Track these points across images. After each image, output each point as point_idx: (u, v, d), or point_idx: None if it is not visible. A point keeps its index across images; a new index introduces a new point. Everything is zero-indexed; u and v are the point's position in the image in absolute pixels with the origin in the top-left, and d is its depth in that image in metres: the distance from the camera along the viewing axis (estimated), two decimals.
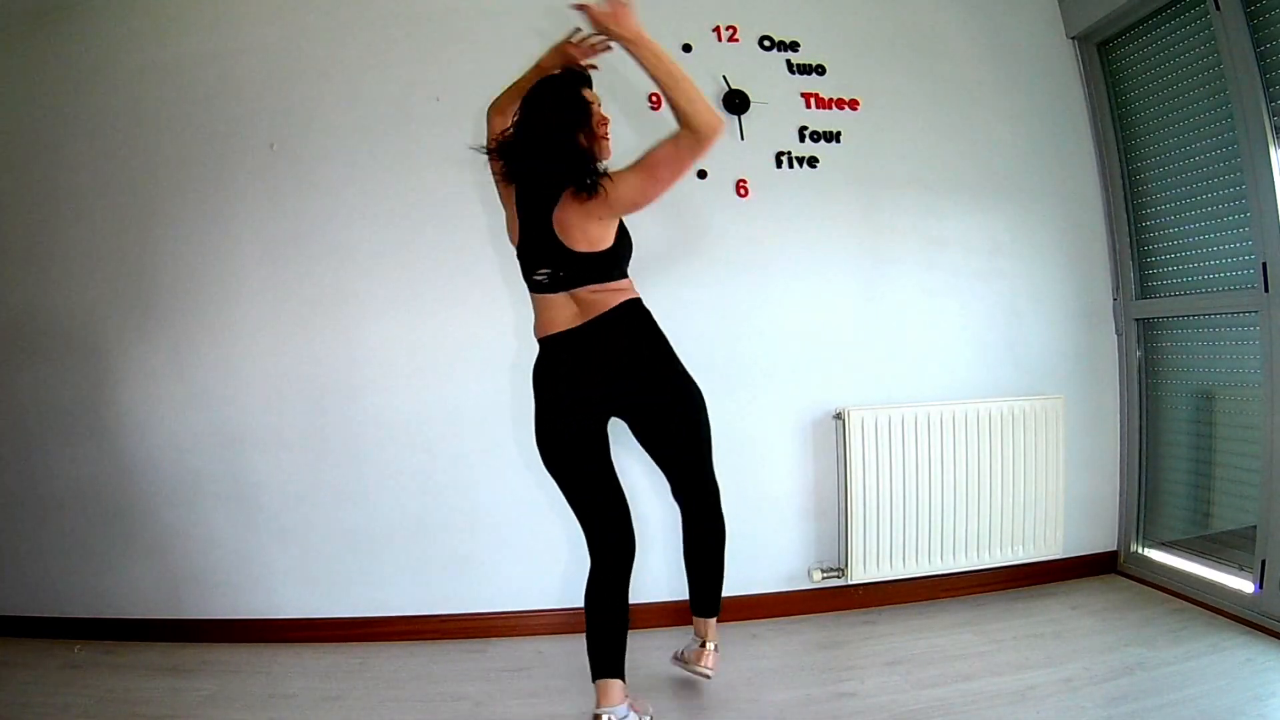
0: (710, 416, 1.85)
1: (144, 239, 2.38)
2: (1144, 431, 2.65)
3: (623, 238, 1.73)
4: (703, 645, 1.92)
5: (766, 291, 2.47)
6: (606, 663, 1.68)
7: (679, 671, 2.03)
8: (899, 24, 2.58)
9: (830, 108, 2.51)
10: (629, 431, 1.82)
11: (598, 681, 1.68)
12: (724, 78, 2.47)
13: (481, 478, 2.37)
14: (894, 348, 2.53)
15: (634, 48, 1.52)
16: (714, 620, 1.94)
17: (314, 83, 2.37)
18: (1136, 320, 2.66)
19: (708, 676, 1.89)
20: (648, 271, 2.46)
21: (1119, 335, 2.69)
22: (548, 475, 2.34)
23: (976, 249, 2.60)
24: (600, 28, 1.54)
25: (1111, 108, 2.65)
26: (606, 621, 1.71)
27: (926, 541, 2.43)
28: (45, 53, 2.40)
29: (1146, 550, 2.64)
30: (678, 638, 2.07)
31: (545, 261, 1.67)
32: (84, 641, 2.33)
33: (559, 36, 1.80)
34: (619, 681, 1.68)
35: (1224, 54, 2.19)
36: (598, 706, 1.66)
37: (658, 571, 2.33)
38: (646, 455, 1.84)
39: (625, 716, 1.65)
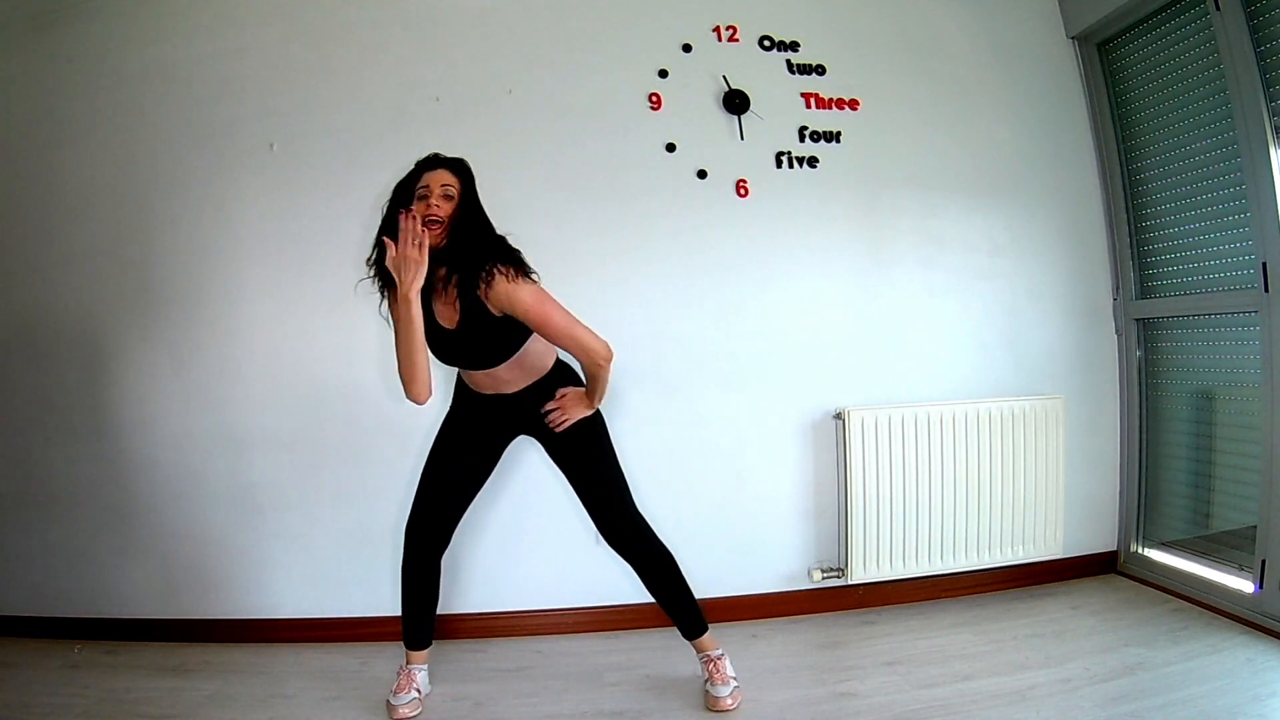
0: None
1: (144, 239, 2.37)
2: (1144, 431, 2.65)
3: None
4: (706, 659, 1.90)
5: (766, 291, 2.47)
6: (416, 637, 1.93)
7: (680, 671, 2.03)
8: (899, 24, 2.59)
9: (830, 108, 2.51)
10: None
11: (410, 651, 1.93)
12: (724, 78, 2.47)
13: None
14: (894, 348, 2.53)
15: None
16: (706, 636, 1.93)
17: (314, 83, 2.37)
18: (1136, 320, 2.65)
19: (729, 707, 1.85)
20: (648, 272, 2.46)
21: (1119, 335, 2.69)
22: (549, 475, 2.35)
23: (976, 249, 2.60)
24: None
25: (1111, 108, 2.65)
26: (416, 598, 1.91)
27: (926, 541, 2.43)
28: (45, 53, 2.40)
29: (1146, 550, 2.64)
30: (679, 637, 2.07)
31: None
32: (84, 641, 2.32)
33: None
34: (424, 652, 1.95)
35: (1224, 54, 2.19)
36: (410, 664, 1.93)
37: None
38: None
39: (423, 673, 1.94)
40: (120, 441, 2.37)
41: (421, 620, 1.92)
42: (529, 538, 2.38)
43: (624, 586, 2.38)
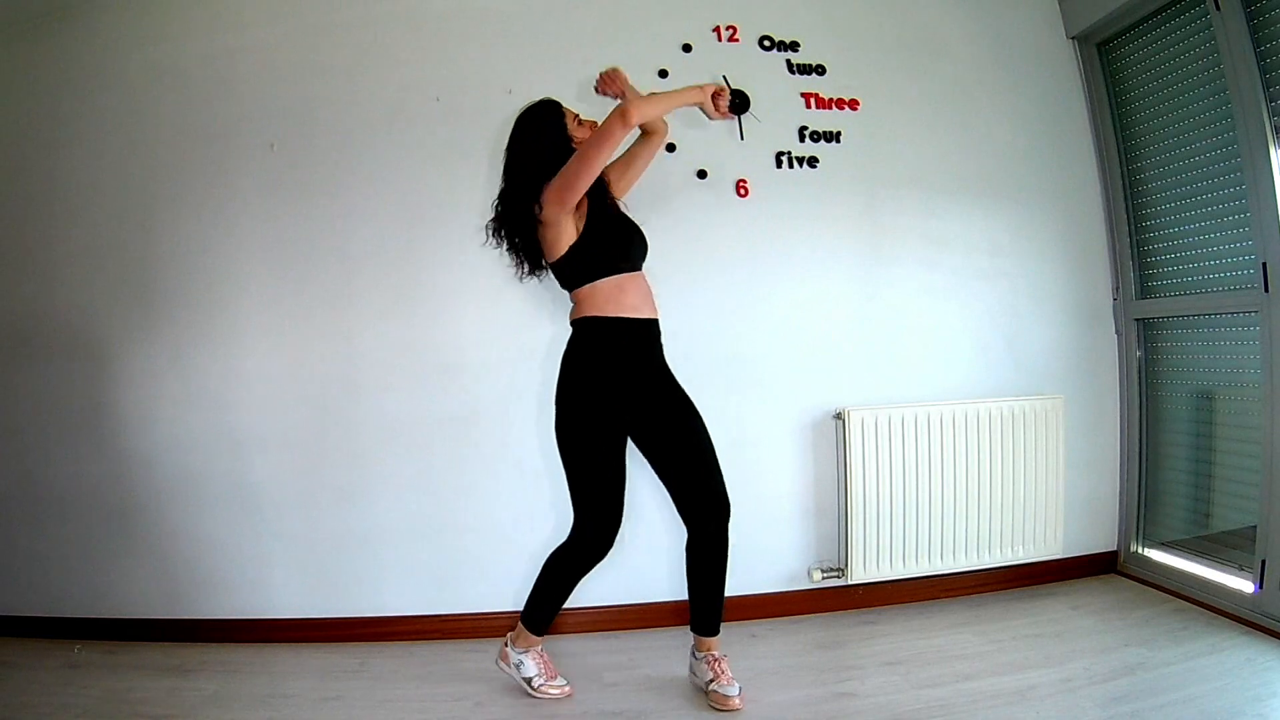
0: (711, 416, 1.87)
1: (144, 239, 2.38)
2: (1144, 431, 2.65)
3: (577, 246, 1.84)
4: (710, 659, 1.90)
5: (766, 291, 2.47)
6: (545, 624, 1.95)
7: (680, 671, 2.03)
8: (899, 24, 2.59)
9: (830, 108, 2.51)
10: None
11: (538, 636, 1.95)
12: (724, 78, 2.46)
13: (480, 478, 2.37)
14: (894, 348, 2.53)
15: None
16: (716, 638, 1.94)
17: (314, 83, 2.37)
18: (1136, 320, 2.65)
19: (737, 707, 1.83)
20: (648, 272, 2.46)
21: (1119, 335, 2.69)
22: (547, 475, 2.34)
23: (976, 249, 2.60)
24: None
25: (1111, 108, 2.65)
26: (563, 592, 1.92)
27: (926, 541, 2.43)
28: (45, 53, 2.40)
29: (1146, 550, 2.64)
30: (679, 637, 2.07)
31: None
32: (84, 641, 2.33)
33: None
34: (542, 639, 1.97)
35: (1224, 54, 2.19)
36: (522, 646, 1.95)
37: (660, 572, 2.34)
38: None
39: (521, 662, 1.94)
40: (120, 441, 2.37)
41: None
42: (528, 537, 2.38)
43: (623, 587, 2.38)
